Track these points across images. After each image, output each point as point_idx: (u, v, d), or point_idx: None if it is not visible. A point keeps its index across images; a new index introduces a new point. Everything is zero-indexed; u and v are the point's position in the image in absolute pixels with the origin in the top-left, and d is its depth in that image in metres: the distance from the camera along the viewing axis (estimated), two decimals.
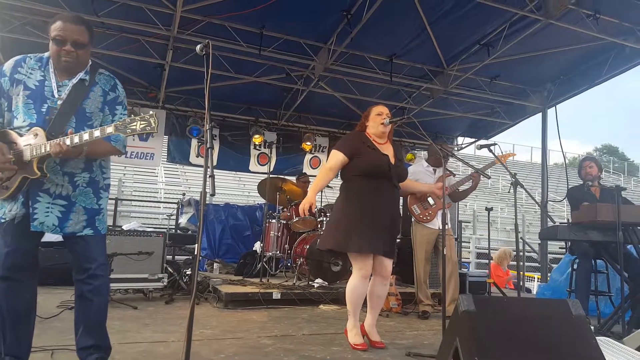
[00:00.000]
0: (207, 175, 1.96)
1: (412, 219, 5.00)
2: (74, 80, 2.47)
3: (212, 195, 1.97)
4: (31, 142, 2.33)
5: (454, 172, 5.15)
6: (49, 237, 6.45)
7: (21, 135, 2.37)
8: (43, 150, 2.30)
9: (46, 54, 2.48)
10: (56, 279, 5.94)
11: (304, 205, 3.42)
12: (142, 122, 2.29)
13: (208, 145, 2.04)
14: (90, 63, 2.55)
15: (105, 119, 2.54)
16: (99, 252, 2.57)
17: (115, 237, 5.20)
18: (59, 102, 2.41)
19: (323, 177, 3.56)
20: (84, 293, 2.50)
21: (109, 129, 2.31)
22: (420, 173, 4.98)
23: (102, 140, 2.36)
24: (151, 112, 2.32)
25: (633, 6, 5.60)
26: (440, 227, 4.67)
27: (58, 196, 2.42)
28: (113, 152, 2.56)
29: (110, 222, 9.19)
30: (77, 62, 2.44)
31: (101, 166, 2.59)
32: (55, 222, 2.40)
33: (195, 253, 2.06)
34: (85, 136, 2.31)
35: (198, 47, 2.41)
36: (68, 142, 2.29)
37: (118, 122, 2.32)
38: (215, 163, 8.49)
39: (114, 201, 9.73)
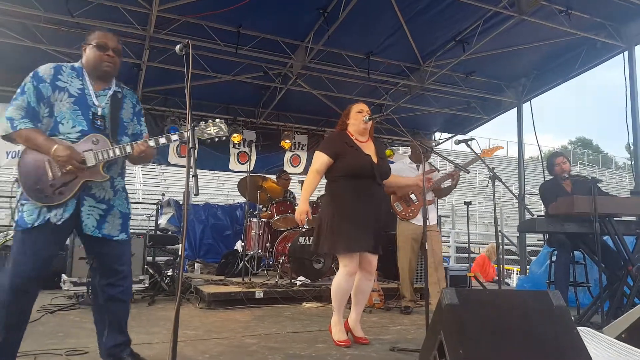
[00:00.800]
0: (191, 175, 1.95)
1: (397, 217, 5.00)
2: (110, 92, 2.64)
3: (196, 194, 1.97)
4: (92, 148, 2.44)
5: (438, 168, 5.11)
6: None
7: (73, 142, 2.43)
8: (112, 155, 2.47)
9: (77, 64, 2.60)
10: None
11: (300, 216, 3.49)
12: (215, 127, 2.67)
13: (190, 145, 2.03)
14: None
15: (134, 128, 2.75)
16: (129, 255, 2.75)
17: None
18: (99, 110, 2.54)
19: (312, 181, 3.57)
20: (116, 295, 2.61)
21: (187, 133, 2.54)
22: (403, 170, 4.94)
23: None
24: (219, 119, 2.69)
25: (603, 2, 5.75)
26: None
27: (101, 200, 2.54)
28: None
29: None
30: (115, 70, 2.62)
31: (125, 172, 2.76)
32: (94, 224, 2.50)
33: (180, 253, 2.05)
34: (162, 139, 2.62)
35: (177, 47, 2.41)
36: (152, 143, 2.57)
37: (196, 127, 2.62)
38: None
39: None
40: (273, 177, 7.83)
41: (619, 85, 6.20)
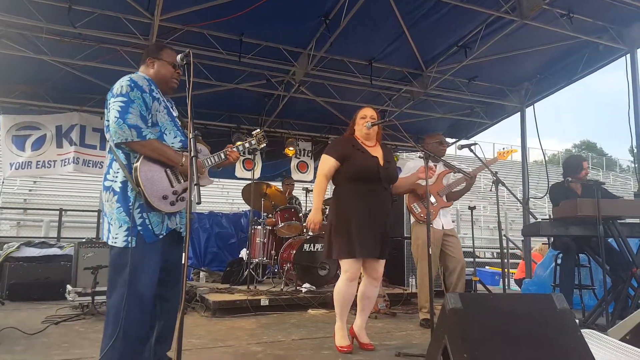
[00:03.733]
0: (193, 184, 1.96)
1: (412, 219, 4.67)
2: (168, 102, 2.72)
3: (198, 203, 1.98)
4: (199, 156, 2.51)
5: (455, 168, 4.56)
6: (30, 252, 6.41)
7: (178, 151, 2.52)
8: (213, 161, 2.69)
9: (146, 76, 2.62)
10: (40, 294, 5.87)
11: (314, 226, 3.49)
12: (261, 137, 2.99)
13: (192, 154, 2.04)
14: None
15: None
16: None
17: (99, 249, 5.15)
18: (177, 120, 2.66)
19: (321, 186, 3.57)
20: (176, 306, 2.59)
21: (253, 141, 2.93)
22: (417, 168, 4.35)
23: None
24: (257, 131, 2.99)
25: (605, 5, 5.74)
26: (444, 227, 4.54)
27: None
28: None
29: (93, 234, 9.08)
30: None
31: None
32: (181, 227, 2.60)
33: (183, 262, 2.06)
34: (241, 147, 2.84)
35: (179, 57, 2.44)
36: (235, 149, 2.78)
37: (255, 137, 2.96)
38: None
39: (95, 213, 9.62)
40: (277, 184, 7.87)
41: (622, 88, 6.18)
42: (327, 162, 3.56)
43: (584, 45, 6.64)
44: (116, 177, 2.39)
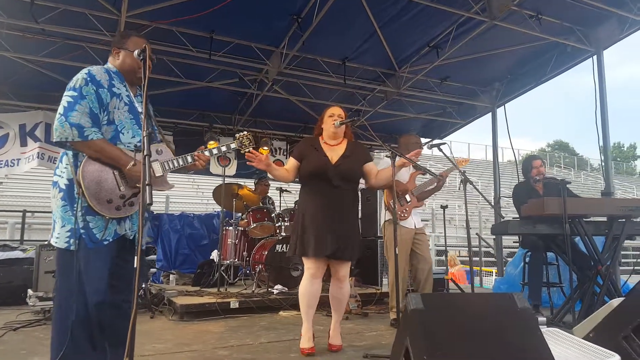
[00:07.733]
0: (145, 184, 1.88)
1: (385, 218, 4.63)
2: (140, 97, 2.53)
3: (150, 204, 1.89)
4: (158, 158, 2.43)
5: (426, 169, 4.49)
6: None
7: (134, 151, 2.34)
8: (176, 165, 2.50)
9: (113, 68, 2.47)
10: (2, 299, 5.68)
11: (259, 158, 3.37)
12: (246, 140, 2.92)
13: (145, 153, 1.95)
14: None
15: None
16: None
17: None
18: (141, 117, 2.43)
19: (282, 172, 3.60)
20: (128, 312, 2.36)
21: (233, 145, 2.83)
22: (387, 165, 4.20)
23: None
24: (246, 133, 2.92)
25: (572, 7, 5.83)
26: (416, 226, 4.57)
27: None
28: None
29: None
30: None
31: None
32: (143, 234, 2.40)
33: (135, 266, 1.97)
34: (215, 150, 2.66)
35: (135, 52, 2.34)
36: (207, 153, 2.60)
37: (237, 140, 2.86)
38: None
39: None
40: (250, 183, 7.77)
41: (592, 88, 6.25)
42: (290, 162, 3.66)
43: (552, 46, 6.74)
44: (63, 173, 2.26)
